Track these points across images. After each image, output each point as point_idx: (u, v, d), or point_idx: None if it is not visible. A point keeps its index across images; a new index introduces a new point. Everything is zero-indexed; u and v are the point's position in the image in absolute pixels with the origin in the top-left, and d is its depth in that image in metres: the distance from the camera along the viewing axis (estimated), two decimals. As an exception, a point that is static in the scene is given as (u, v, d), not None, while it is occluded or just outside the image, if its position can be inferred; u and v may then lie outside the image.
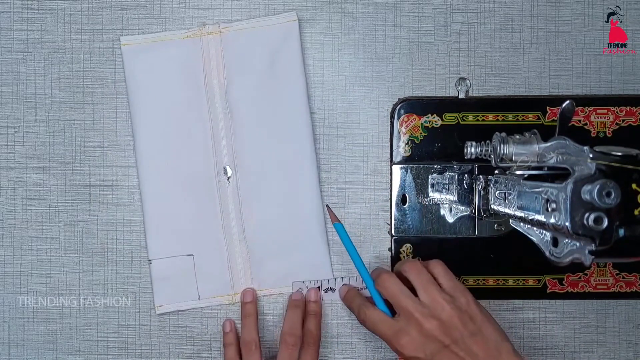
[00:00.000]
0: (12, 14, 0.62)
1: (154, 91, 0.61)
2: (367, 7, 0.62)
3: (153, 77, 0.61)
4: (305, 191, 0.62)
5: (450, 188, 0.62)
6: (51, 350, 0.62)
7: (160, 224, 0.61)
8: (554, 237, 0.53)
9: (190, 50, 0.61)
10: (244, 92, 0.61)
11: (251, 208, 0.62)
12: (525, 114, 0.61)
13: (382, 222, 0.63)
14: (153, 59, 0.61)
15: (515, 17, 0.62)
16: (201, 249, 0.61)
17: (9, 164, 0.62)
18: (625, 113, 0.61)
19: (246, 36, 0.61)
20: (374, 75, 0.63)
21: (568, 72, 0.62)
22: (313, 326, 0.59)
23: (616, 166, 0.48)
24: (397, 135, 0.62)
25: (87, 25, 0.62)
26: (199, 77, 0.61)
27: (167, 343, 0.63)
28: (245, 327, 0.60)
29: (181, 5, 0.62)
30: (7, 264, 0.62)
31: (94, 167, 0.62)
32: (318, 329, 0.60)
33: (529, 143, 0.55)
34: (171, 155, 0.61)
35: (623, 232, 0.48)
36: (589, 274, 0.62)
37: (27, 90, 0.62)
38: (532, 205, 0.53)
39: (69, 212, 0.62)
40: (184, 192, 0.62)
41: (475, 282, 0.62)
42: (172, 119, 0.61)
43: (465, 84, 0.62)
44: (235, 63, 0.61)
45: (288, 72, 0.61)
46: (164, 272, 0.61)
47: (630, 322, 0.63)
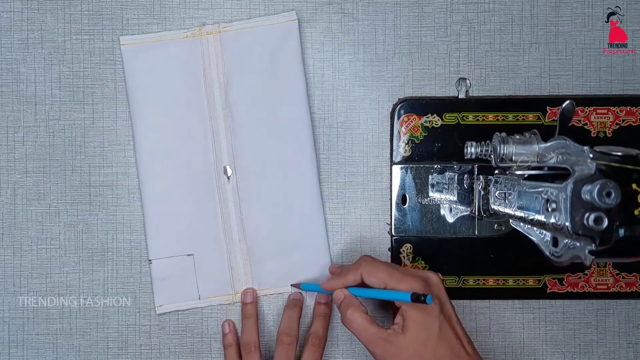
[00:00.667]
0: (12, 14, 0.62)
1: (153, 91, 0.61)
2: (367, 7, 0.62)
3: (153, 77, 0.61)
4: (306, 190, 0.62)
5: (450, 188, 0.62)
6: (51, 350, 0.62)
7: (160, 224, 0.61)
8: (554, 237, 0.53)
9: (190, 50, 0.61)
10: (244, 92, 0.61)
11: (251, 208, 0.62)
12: (525, 114, 0.61)
13: (382, 222, 0.63)
14: (153, 59, 0.61)
15: (515, 17, 0.62)
16: (201, 248, 0.61)
17: (9, 164, 0.62)
18: (625, 113, 0.61)
19: (246, 36, 0.61)
20: (374, 75, 0.63)
21: (568, 72, 0.62)
22: (320, 328, 0.59)
23: (616, 166, 0.48)
24: (397, 135, 0.62)
25: (87, 25, 0.62)
26: (198, 77, 0.61)
27: (167, 343, 0.63)
28: (245, 328, 0.60)
29: (181, 5, 0.62)
30: (7, 264, 0.62)
31: (94, 167, 0.62)
32: (325, 331, 0.59)
33: (529, 143, 0.55)
34: (171, 155, 0.61)
35: (623, 232, 0.48)
36: (589, 274, 0.62)
37: (27, 90, 0.62)
38: (532, 205, 0.53)
39: (69, 212, 0.62)
40: (184, 192, 0.61)
41: (475, 282, 0.62)
42: (172, 118, 0.61)
43: (465, 84, 0.62)
44: (235, 63, 0.61)
45: (288, 71, 0.61)
46: (164, 272, 0.61)
47: (630, 322, 0.63)
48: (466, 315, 0.62)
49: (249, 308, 0.61)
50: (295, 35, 0.61)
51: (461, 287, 0.62)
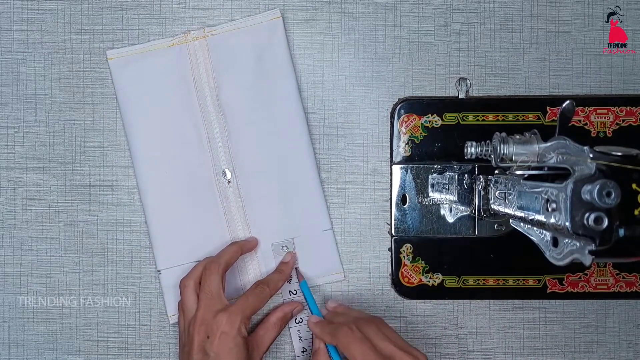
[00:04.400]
0: (12, 14, 0.62)
1: (145, 102, 0.61)
2: (367, 7, 0.62)
3: (143, 87, 0.61)
4: (307, 184, 0.62)
5: (450, 188, 0.62)
6: (51, 350, 0.62)
7: (165, 234, 0.61)
8: (554, 237, 0.53)
9: (177, 57, 0.61)
10: (235, 94, 0.61)
11: (254, 208, 0.62)
12: (525, 114, 0.61)
13: (382, 222, 0.63)
14: (141, 70, 0.61)
15: (515, 17, 0.62)
16: (209, 254, 0.61)
17: (9, 164, 0.62)
18: (625, 113, 0.61)
19: (232, 38, 0.61)
20: (374, 75, 0.63)
21: (568, 72, 0.62)
22: (274, 277, 0.59)
23: (616, 166, 0.48)
24: (397, 135, 0.62)
25: (87, 25, 0.62)
26: (188, 83, 0.61)
27: (167, 343, 0.63)
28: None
29: (181, 5, 0.62)
30: (7, 264, 0.62)
31: (94, 167, 0.62)
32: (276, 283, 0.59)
33: (529, 143, 0.55)
34: (169, 164, 0.61)
35: (623, 232, 0.48)
36: (589, 274, 0.62)
37: (27, 90, 0.62)
38: (532, 205, 0.53)
39: (69, 212, 0.62)
40: (186, 199, 0.61)
41: (475, 282, 0.62)
42: (166, 127, 0.61)
43: (465, 84, 0.62)
44: (224, 65, 0.61)
45: (277, 68, 0.61)
46: (174, 280, 0.61)
47: (630, 322, 0.63)
48: (466, 315, 0.62)
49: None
50: (280, 32, 0.61)
51: (461, 287, 0.62)
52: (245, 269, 0.62)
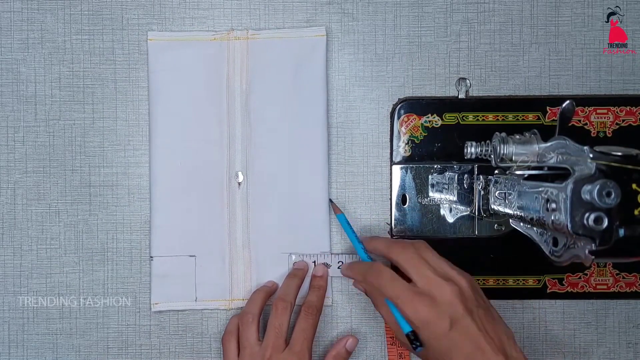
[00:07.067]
0: (12, 14, 0.62)
1: (175, 89, 0.61)
2: (367, 7, 0.62)
3: (175, 75, 0.61)
4: (315, 207, 0.61)
5: (450, 188, 0.62)
6: (51, 350, 0.62)
7: (165, 222, 0.61)
8: (554, 237, 0.53)
9: (216, 53, 0.61)
10: (265, 100, 0.61)
11: (258, 216, 0.61)
12: (525, 114, 0.61)
13: (382, 222, 0.63)
14: (178, 57, 0.61)
15: (515, 17, 0.62)
16: (204, 251, 0.61)
17: (9, 164, 0.62)
18: (625, 113, 0.61)
19: (273, 45, 0.61)
20: (374, 75, 0.63)
21: (568, 72, 0.62)
22: (315, 298, 0.59)
23: (616, 166, 0.48)
24: (397, 135, 0.62)
25: (87, 25, 0.62)
26: (221, 80, 0.61)
27: (167, 343, 0.63)
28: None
29: (181, 5, 0.62)
30: (7, 264, 0.62)
31: (94, 167, 0.62)
32: (320, 301, 0.59)
33: (529, 143, 0.55)
34: (185, 155, 0.61)
35: (623, 232, 0.48)
36: (589, 274, 0.62)
37: (27, 90, 0.62)
38: (532, 205, 0.53)
39: (69, 212, 0.62)
40: (193, 193, 0.61)
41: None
42: (189, 118, 0.61)
43: (465, 84, 0.62)
44: (260, 70, 0.61)
45: (311, 86, 0.61)
46: (164, 270, 0.61)
47: (630, 322, 0.63)
48: (466, 315, 0.62)
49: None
50: (322, 50, 0.61)
51: (461, 287, 0.62)
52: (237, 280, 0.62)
